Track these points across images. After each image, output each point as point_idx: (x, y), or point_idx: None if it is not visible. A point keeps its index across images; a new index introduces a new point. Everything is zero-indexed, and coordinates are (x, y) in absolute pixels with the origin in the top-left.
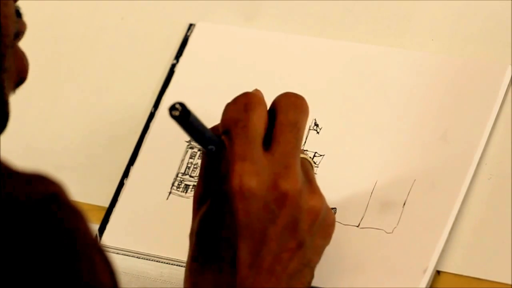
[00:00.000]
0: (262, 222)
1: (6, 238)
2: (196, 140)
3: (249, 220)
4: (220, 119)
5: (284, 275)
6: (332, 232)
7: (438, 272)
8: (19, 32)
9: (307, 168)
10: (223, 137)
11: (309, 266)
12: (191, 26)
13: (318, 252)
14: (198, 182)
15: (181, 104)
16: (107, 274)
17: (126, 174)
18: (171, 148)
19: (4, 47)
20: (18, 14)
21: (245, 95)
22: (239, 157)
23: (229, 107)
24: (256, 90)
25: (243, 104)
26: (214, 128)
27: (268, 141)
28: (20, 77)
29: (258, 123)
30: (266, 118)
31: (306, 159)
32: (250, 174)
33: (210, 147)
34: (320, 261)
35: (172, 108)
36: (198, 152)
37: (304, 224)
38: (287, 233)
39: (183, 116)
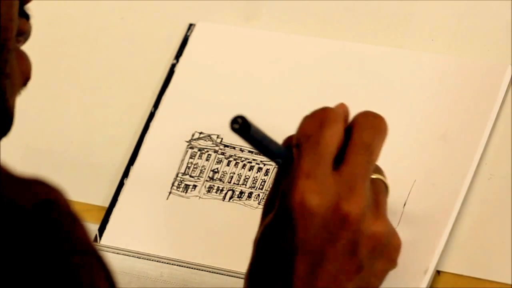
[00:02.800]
0: (321, 241)
1: (3, 242)
2: (261, 153)
3: (308, 237)
4: (296, 130)
5: None
6: (396, 257)
7: (438, 272)
8: (22, 33)
9: (378, 190)
10: (294, 150)
11: None
12: (191, 26)
13: (379, 277)
14: (270, 191)
15: (242, 117)
16: (104, 279)
17: (126, 174)
18: (171, 148)
19: (6, 52)
20: (26, 15)
21: (323, 110)
22: (304, 173)
23: (305, 120)
24: (341, 104)
25: (319, 119)
26: (289, 138)
27: (341, 160)
28: (24, 77)
29: (331, 141)
30: (341, 136)
31: (382, 181)
32: (313, 192)
33: (277, 160)
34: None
35: (233, 121)
36: (198, 152)
37: (364, 249)
38: (346, 255)
39: (243, 129)
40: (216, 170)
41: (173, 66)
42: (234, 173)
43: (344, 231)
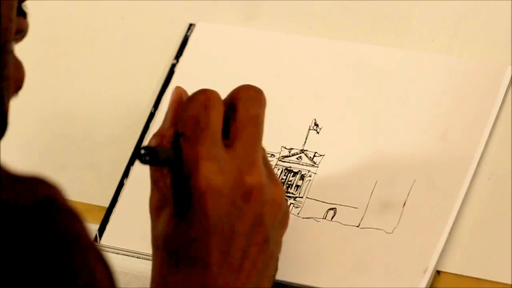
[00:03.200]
0: (231, 219)
1: (3, 240)
2: (162, 166)
3: (219, 217)
4: (174, 115)
5: (253, 270)
6: (288, 221)
7: (438, 272)
8: (20, 31)
9: (265, 157)
10: (180, 139)
11: (273, 259)
12: (191, 26)
13: (279, 243)
14: (152, 191)
15: (146, 148)
16: (105, 276)
17: (126, 174)
18: None
19: (6, 53)
20: (23, 13)
21: (204, 92)
22: (203, 157)
23: (187, 105)
24: (177, 87)
25: (202, 102)
26: (160, 132)
27: (227, 135)
28: (17, 85)
29: (218, 120)
30: (223, 113)
31: (263, 148)
32: (215, 173)
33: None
34: (320, 261)
35: (140, 156)
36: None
37: (269, 217)
38: (254, 228)
39: (153, 157)
40: None
41: (173, 66)
42: None
43: (250, 204)
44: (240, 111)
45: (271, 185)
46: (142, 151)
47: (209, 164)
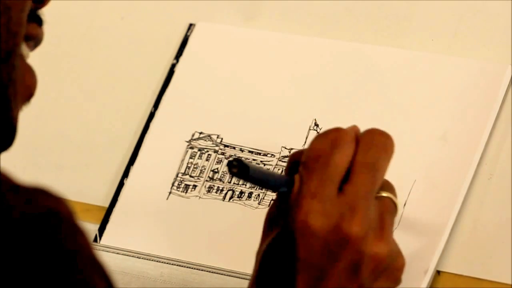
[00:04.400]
0: (322, 261)
1: (4, 252)
2: (264, 188)
3: (309, 257)
4: (307, 147)
5: None
6: (399, 277)
7: (438, 272)
8: (33, 38)
9: (384, 210)
10: (300, 168)
11: None
12: (191, 26)
13: None
14: (272, 204)
15: (238, 160)
16: None
17: (126, 174)
18: (171, 148)
19: (14, 58)
20: (40, 20)
21: (336, 130)
22: (310, 193)
23: (316, 140)
24: (354, 126)
25: (330, 140)
26: (297, 154)
27: (347, 180)
28: (28, 93)
29: (341, 163)
30: (350, 158)
31: (390, 199)
32: (316, 213)
33: (281, 189)
34: None
35: (231, 165)
36: (198, 152)
37: (366, 269)
38: (347, 275)
39: (242, 172)
40: (216, 170)
41: (173, 66)
42: None
43: (345, 252)
44: (358, 155)
45: (375, 239)
46: (234, 162)
47: (314, 202)
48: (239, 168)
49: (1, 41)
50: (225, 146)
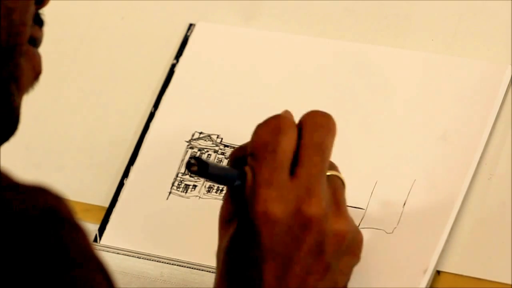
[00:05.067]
0: (287, 247)
1: (4, 250)
2: (220, 184)
3: (273, 244)
4: (250, 139)
5: None
6: (360, 252)
7: (438, 272)
8: (34, 40)
9: (335, 187)
10: (249, 159)
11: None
12: (191, 26)
13: (346, 273)
14: (224, 201)
15: (197, 158)
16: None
17: (126, 174)
18: (171, 148)
19: (18, 57)
20: (40, 21)
21: (276, 117)
22: (265, 182)
23: (259, 129)
24: (286, 111)
25: (273, 127)
26: (242, 147)
27: (296, 163)
28: (36, 73)
29: (287, 147)
30: (295, 141)
31: (337, 177)
32: (275, 200)
33: (236, 183)
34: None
35: (189, 165)
36: (198, 152)
37: (330, 248)
38: (313, 256)
39: (201, 169)
40: None
41: (173, 66)
42: None
43: (308, 234)
44: (304, 138)
45: (335, 216)
46: (192, 160)
47: (270, 190)
48: (199, 166)
49: (8, 37)
50: (225, 146)
